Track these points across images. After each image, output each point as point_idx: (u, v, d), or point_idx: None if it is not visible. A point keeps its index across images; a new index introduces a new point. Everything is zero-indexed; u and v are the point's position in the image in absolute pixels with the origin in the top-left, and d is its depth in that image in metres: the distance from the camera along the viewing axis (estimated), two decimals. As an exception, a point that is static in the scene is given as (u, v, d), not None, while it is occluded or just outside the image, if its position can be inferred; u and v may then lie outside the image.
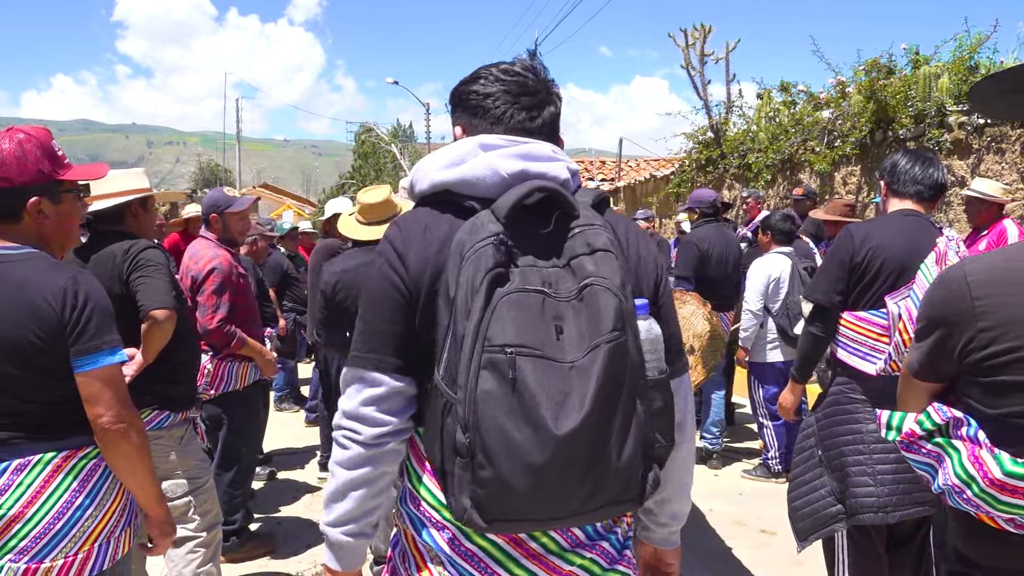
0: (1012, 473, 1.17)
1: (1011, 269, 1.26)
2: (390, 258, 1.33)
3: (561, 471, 1.14)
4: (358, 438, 1.32)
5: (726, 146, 9.57)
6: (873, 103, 7.07)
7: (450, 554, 1.29)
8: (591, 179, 16.82)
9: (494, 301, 1.16)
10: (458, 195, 1.35)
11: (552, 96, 1.43)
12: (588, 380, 1.13)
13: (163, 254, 2.85)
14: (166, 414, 2.81)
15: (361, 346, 1.34)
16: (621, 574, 1.36)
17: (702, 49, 9.97)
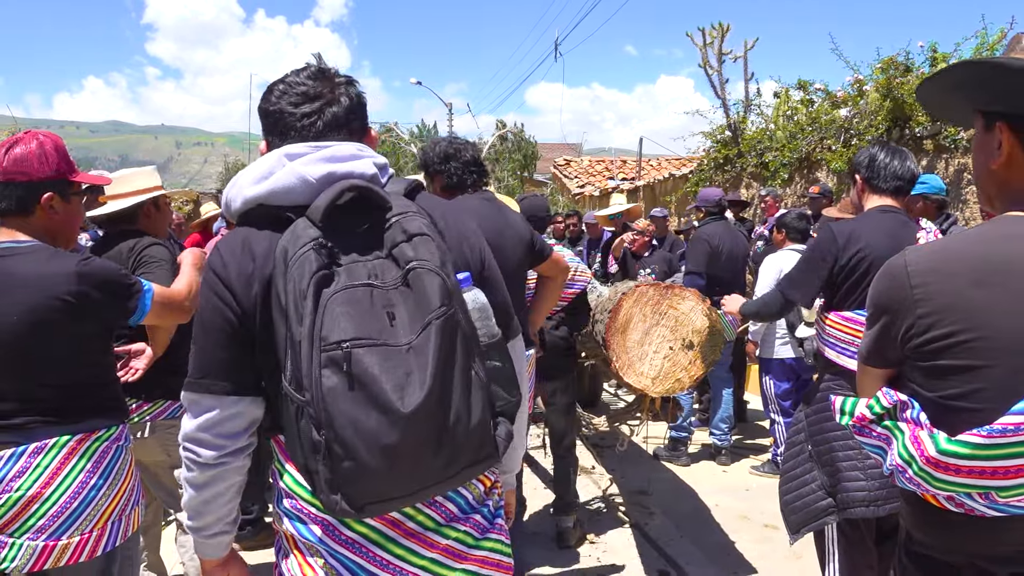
0: (945, 451, 1.22)
1: (948, 259, 1.30)
2: (213, 284, 1.37)
3: (415, 446, 1.20)
4: (199, 460, 1.40)
5: (744, 145, 9.55)
6: (890, 101, 7.03)
7: (330, 544, 1.35)
8: (611, 178, 16.84)
9: (323, 302, 1.21)
10: (273, 207, 1.37)
11: (336, 94, 1.45)
12: (426, 356, 1.20)
13: (167, 250, 2.94)
14: (178, 404, 2.89)
15: (194, 371, 1.40)
16: (493, 540, 1.45)
17: (720, 48, 9.95)
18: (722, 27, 9.97)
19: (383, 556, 1.34)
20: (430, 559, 1.36)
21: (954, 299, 1.26)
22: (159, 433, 2.91)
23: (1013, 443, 1.17)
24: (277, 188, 1.36)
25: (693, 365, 3.35)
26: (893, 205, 2.60)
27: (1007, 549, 1.27)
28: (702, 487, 4.94)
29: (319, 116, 1.43)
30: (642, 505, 4.60)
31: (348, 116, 1.46)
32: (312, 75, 1.46)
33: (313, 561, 1.37)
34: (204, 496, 1.44)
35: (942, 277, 1.28)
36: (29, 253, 1.94)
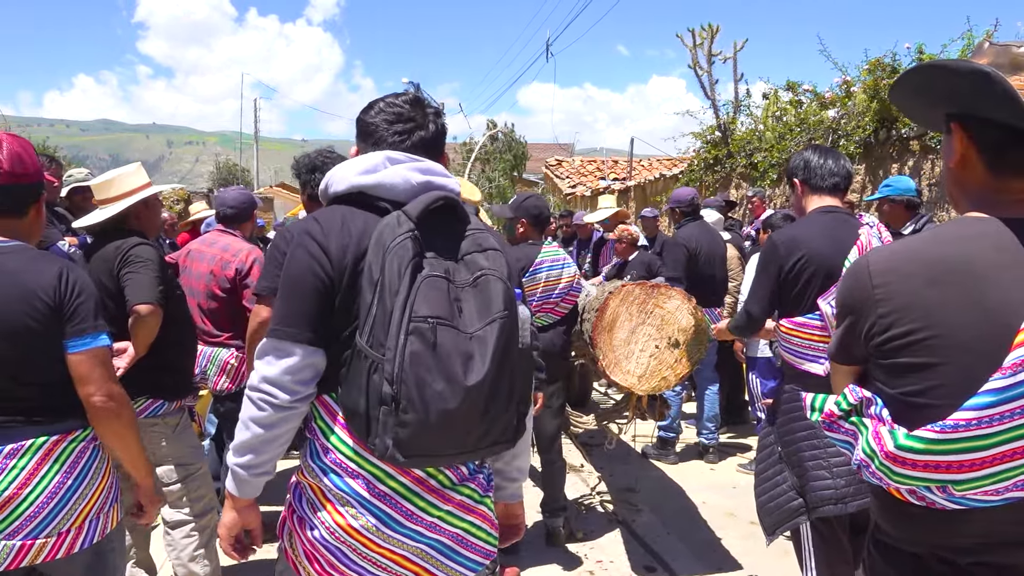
0: (902, 446, 1.25)
1: (907, 259, 1.34)
2: (311, 248, 1.58)
3: (467, 415, 1.45)
4: (275, 402, 1.56)
5: (733, 145, 9.61)
6: (877, 102, 7.08)
7: (365, 496, 1.56)
8: (603, 178, 16.87)
9: (417, 282, 1.45)
10: (371, 197, 1.64)
11: (426, 121, 1.73)
12: (487, 345, 1.45)
13: (153, 250, 2.94)
14: (160, 402, 2.91)
15: (280, 321, 1.58)
16: (489, 500, 1.71)
17: (709, 49, 10.02)
18: (712, 28, 10.03)
19: (408, 507, 1.58)
20: (446, 511, 1.61)
21: (911, 298, 1.30)
22: (141, 431, 2.91)
23: (965, 438, 1.20)
24: (384, 182, 1.63)
25: (679, 363, 3.38)
26: (834, 204, 2.64)
27: (966, 540, 1.31)
28: (689, 485, 4.97)
29: (408, 136, 1.71)
30: (630, 503, 4.63)
31: (433, 141, 1.75)
32: (409, 101, 1.74)
33: (345, 510, 1.57)
34: (270, 435, 1.59)
35: (900, 277, 1.32)
36: (12, 252, 1.94)
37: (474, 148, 19.36)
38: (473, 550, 1.67)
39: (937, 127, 1.51)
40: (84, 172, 4.64)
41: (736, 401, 6.32)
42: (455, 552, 1.64)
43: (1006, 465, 1.20)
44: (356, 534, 1.56)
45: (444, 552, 1.63)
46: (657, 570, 3.77)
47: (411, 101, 1.74)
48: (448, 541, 1.62)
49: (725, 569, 3.77)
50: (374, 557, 1.58)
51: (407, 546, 1.58)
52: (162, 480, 2.99)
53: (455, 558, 1.65)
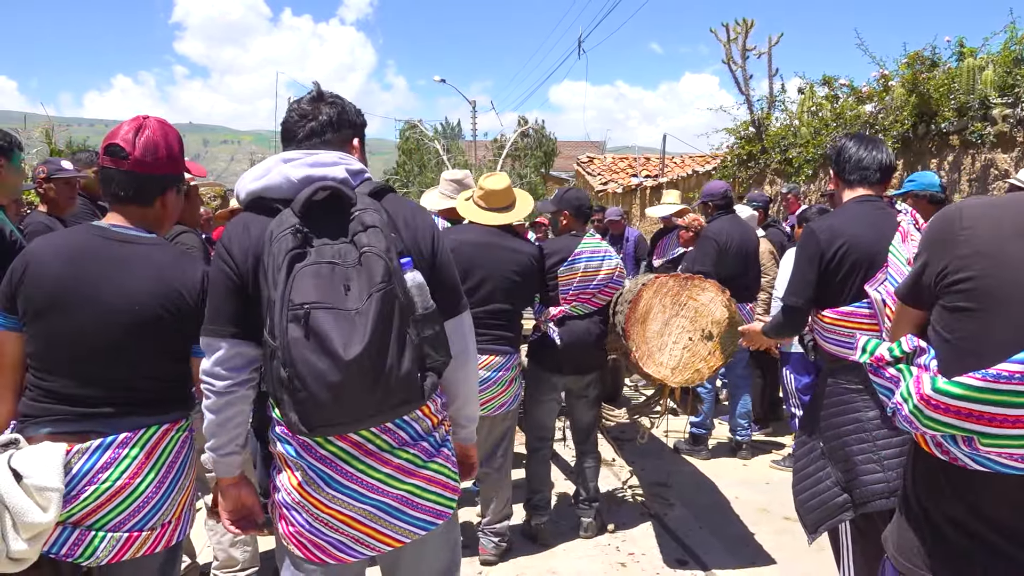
0: (939, 389, 1.26)
1: (1002, 208, 1.36)
2: (221, 254, 1.78)
3: (354, 386, 1.56)
4: (214, 389, 1.77)
5: (768, 141, 9.51)
6: (915, 96, 6.97)
7: (307, 459, 1.74)
8: (634, 175, 16.81)
9: (293, 273, 1.59)
10: (267, 200, 1.80)
11: (317, 112, 1.90)
12: (367, 318, 1.56)
13: (197, 238, 3.01)
14: None
15: (207, 321, 1.79)
16: (439, 464, 1.85)
17: (744, 44, 9.91)
18: (746, 23, 9.93)
19: (349, 469, 1.74)
20: (386, 473, 1.76)
21: (993, 246, 1.32)
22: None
23: (1008, 391, 1.21)
24: (269, 185, 1.80)
25: (712, 356, 3.37)
26: (868, 194, 2.60)
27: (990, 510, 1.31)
28: (722, 480, 4.95)
29: (302, 127, 1.89)
30: (662, 497, 4.63)
31: (323, 127, 1.89)
32: (309, 99, 1.92)
33: (296, 473, 1.76)
34: (219, 419, 1.79)
35: (989, 224, 1.34)
36: (155, 245, 2.00)
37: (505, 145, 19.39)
38: (421, 510, 1.81)
39: None
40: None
41: (770, 397, 6.27)
42: (402, 512, 1.79)
43: None
44: (305, 493, 1.74)
45: (391, 512, 1.77)
46: (689, 563, 3.77)
47: (311, 99, 1.92)
48: (393, 502, 1.77)
49: (758, 564, 3.75)
50: (324, 518, 1.75)
51: (352, 506, 1.74)
52: (206, 465, 3.06)
53: (403, 518, 1.79)
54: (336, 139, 1.90)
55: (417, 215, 1.92)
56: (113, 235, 1.97)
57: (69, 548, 1.85)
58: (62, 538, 1.84)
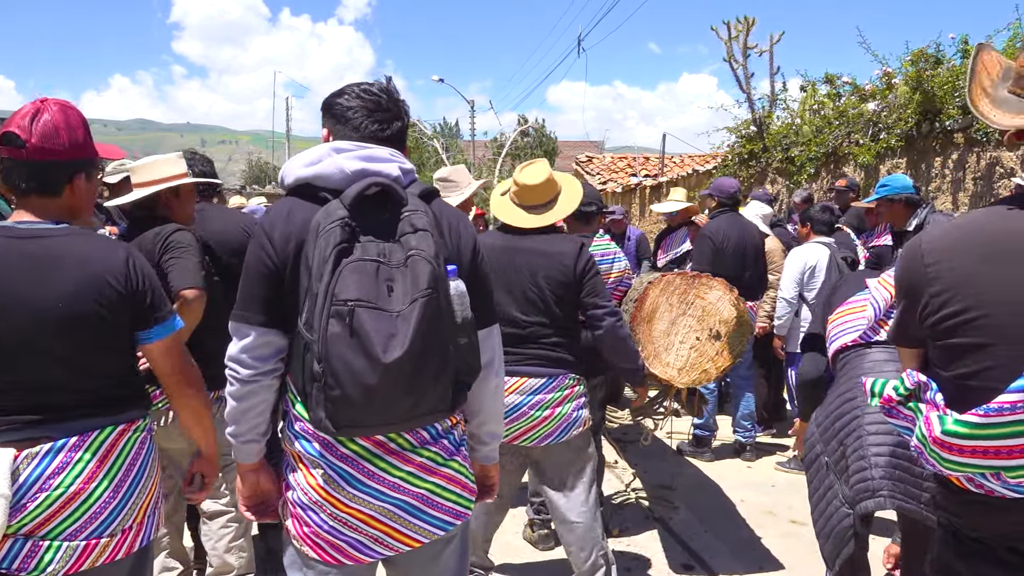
0: (949, 431, 1.20)
1: (961, 236, 1.30)
2: (260, 239, 1.73)
3: (388, 389, 1.53)
4: (238, 376, 1.73)
5: (769, 140, 9.45)
6: (919, 94, 6.90)
7: (329, 458, 1.70)
8: (634, 175, 16.74)
9: (340, 267, 1.54)
10: (315, 187, 1.74)
11: (401, 113, 1.87)
12: (409, 324, 1.52)
13: (192, 235, 2.93)
14: None
15: (238, 305, 1.74)
16: (458, 463, 1.81)
17: (745, 42, 9.84)
18: (747, 21, 9.86)
19: (370, 468, 1.70)
20: (407, 472, 1.72)
21: (963, 276, 1.26)
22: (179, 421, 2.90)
23: (1012, 421, 1.15)
24: (321, 173, 1.74)
25: (720, 356, 3.30)
26: None
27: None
28: (727, 483, 4.88)
29: (389, 126, 1.83)
30: (666, 500, 4.55)
31: (403, 132, 1.89)
32: (384, 90, 1.85)
33: (315, 472, 1.72)
34: (241, 407, 1.76)
35: (952, 254, 1.28)
36: (69, 236, 1.83)
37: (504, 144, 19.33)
38: (441, 510, 1.78)
39: None
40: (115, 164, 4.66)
41: (774, 398, 6.20)
42: (421, 511, 1.75)
43: None
44: (324, 493, 1.70)
45: (410, 511, 1.74)
46: (695, 568, 3.69)
47: (386, 91, 1.85)
48: (413, 501, 1.74)
49: (766, 568, 3.67)
50: (343, 517, 1.71)
51: (373, 505, 1.70)
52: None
53: (423, 517, 1.76)
54: (402, 142, 1.89)
55: (462, 222, 1.88)
56: (20, 232, 1.80)
57: (21, 561, 1.71)
58: (13, 551, 1.71)
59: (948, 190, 6.70)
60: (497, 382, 1.94)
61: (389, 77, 1.90)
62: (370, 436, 1.68)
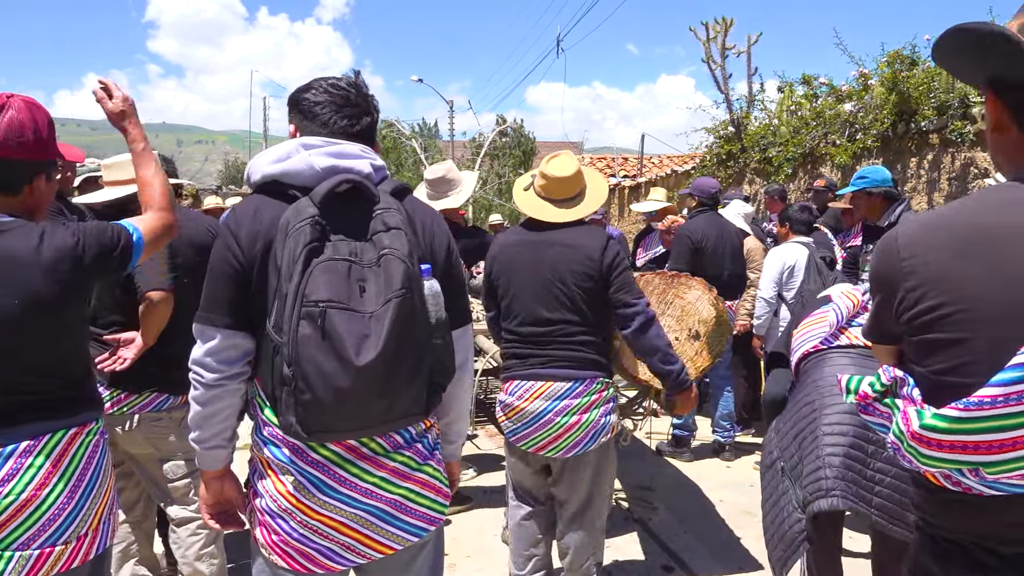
0: (928, 426, 1.18)
1: (935, 230, 1.27)
2: (226, 237, 1.67)
3: (361, 393, 1.48)
4: (202, 380, 1.68)
5: (747, 140, 9.48)
6: (895, 95, 6.96)
7: (299, 464, 1.65)
8: (612, 175, 16.76)
9: (310, 267, 1.49)
10: (283, 184, 1.68)
11: (370, 108, 1.81)
12: (382, 325, 1.48)
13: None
14: (165, 396, 2.83)
15: (203, 307, 1.69)
16: (432, 467, 1.77)
17: (723, 43, 9.88)
18: (726, 22, 9.90)
19: (342, 474, 1.65)
20: (380, 477, 1.67)
21: (939, 271, 1.23)
22: (144, 426, 2.83)
23: (993, 416, 1.13)
24: (289, 170, 1.68)
25: (699, 356, 3.27)
26: None
27: (1011, 530, 1.22)
28: (706, 483, 4.86)
29: (358, 122, 1.77)
30: (645, 500, 4.53)
31: (373, 127, 1.83)
32: (352, 85, 1.79)
33: (285, 478, 1.66)
34: (205, 412, 1.71)
35: (928, 248, 1.26)
36: (19, 229, 1.75)
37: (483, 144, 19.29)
38: (414, 515, 1.74)
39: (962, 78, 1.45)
40: (95, 163, 4.56)
41: (753, 397, 6.20)
42: (395, 518, 1.71)
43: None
44: (294, 500, 1.64)
45: (383, 518, 1.70)
46: (675, 569, 3.67)
47: (355, 86, 1.80)
48: (386, 507, 1.69)
49: (745, 569, 3.66)
50: (314, 524, 1.65)
51: (344, 512, 1.65)
52: (168, 476, 2.91)
53: (396, 523, 1.72)
54: (372, 137, 1.84)
55: (435, 220, 1.84)
56: None
57: None
58: None
59: (924, 190, 6.75)
60: (468, 382, 1.95)
61: (357, 71, 1.88)
62: (342, 441, 1.63)
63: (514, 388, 2.83)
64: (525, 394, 2.79)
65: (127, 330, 2.78)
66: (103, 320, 2.83)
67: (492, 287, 2.99)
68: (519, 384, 2.82)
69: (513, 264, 2.88)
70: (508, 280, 2.89)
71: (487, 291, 3.04)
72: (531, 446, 2.82)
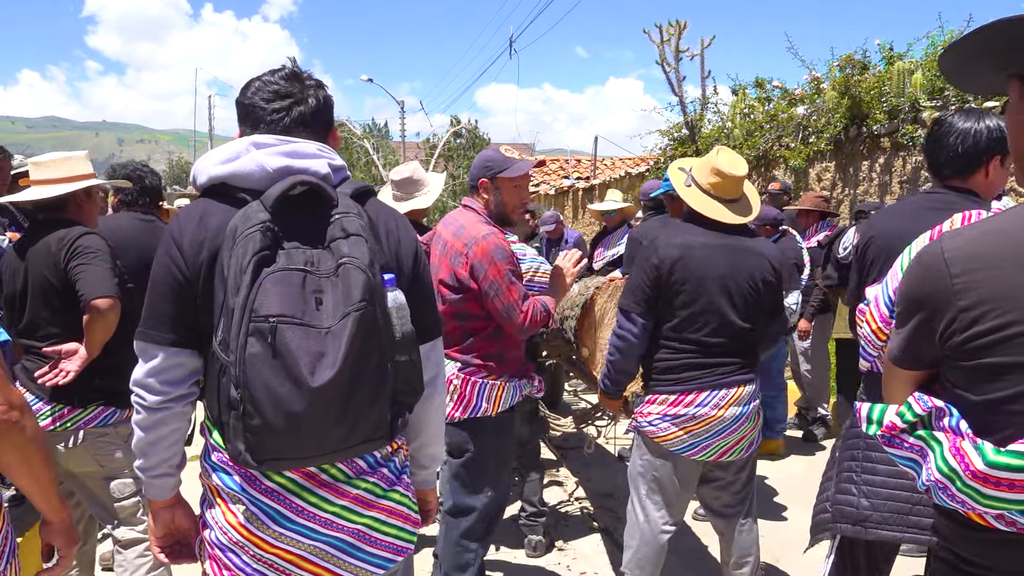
0: (995, 463, 1.08)
1: (992, 242, 1.16)
2: (168, 246, 1.53)
3: (318, 417, 1.35)
4: (144, 403, 1.54)
5: (701, 143, 9.54)
6: (847, 99, 7.06)
7: (251, 493, 1.50)
8: (566, 177, 16.76)
9: (260, 279, 1.36)
10: (232, 187, 1.54)
11: (305, 96, 1.64)
12: (340, 341, 1.34)
13: (102, 239, 2.68)
14: (112, 410, 2.66)
15: (144, 322, 1.55)
16: (400, 494, 1.63)
17: (677, 45, 9.93)
18: (679, 24, 9.95)
19: (299, 503, 1.50)
20: (341, 506, 1.53)
21: (1001, 288, 1.11)
22: (89, 442, 2.65)
23: None
24: (239, 172, 1.53)
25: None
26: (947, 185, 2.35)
27: None
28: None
29: (287, 113, 1.61)
30: (610, 509, 4.45)
31: (314, 116, 1.64)
32: (285, 76, 1.64)
33: (235, 508, 1.52)
34: (149, 438, 1.57)
35: (987, 263, 1.13)
36: None
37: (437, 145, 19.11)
38: (380, 546, 1.60)
39: (989, 90, 1.35)
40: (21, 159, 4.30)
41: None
42: (358, 549, 1.57)
43: None
44: (246, 532, 1.50)
45: (346, 550, 1.55)
46: (643, 580, 3.59)
47: (288, 76, 1.65)
48: (349, 538, 1.55)
49: (714, 578, 3.61)
50: (268, 559, 1.51)
51: (302, 544, 1.51)
52: (114, 495, 2.74)
53: (359, 556, 1.57)
54: (321, 130, 1.67)
55: (400, 224, 1.70)
56: None
57: None
58: None
59: (876, 193, 6.85)
60: (440, 400, 1.79)
61: (292, 58, 1.69)
62: (296, 467, 1.49)
63: (705, 398, 2.67)
64: (721, 402, 2.66)
65: (66, 341, 2.61)
66: (41, 332, 2.65)
67: (669, 293, 2.67)
68: (712, 394, 2.67)
69: (706, 270, 2.65)
70: (698, 286, 2.64)
71: (647, 296, 2.70)
72: (712, 454, 2.72)
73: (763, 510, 4.38)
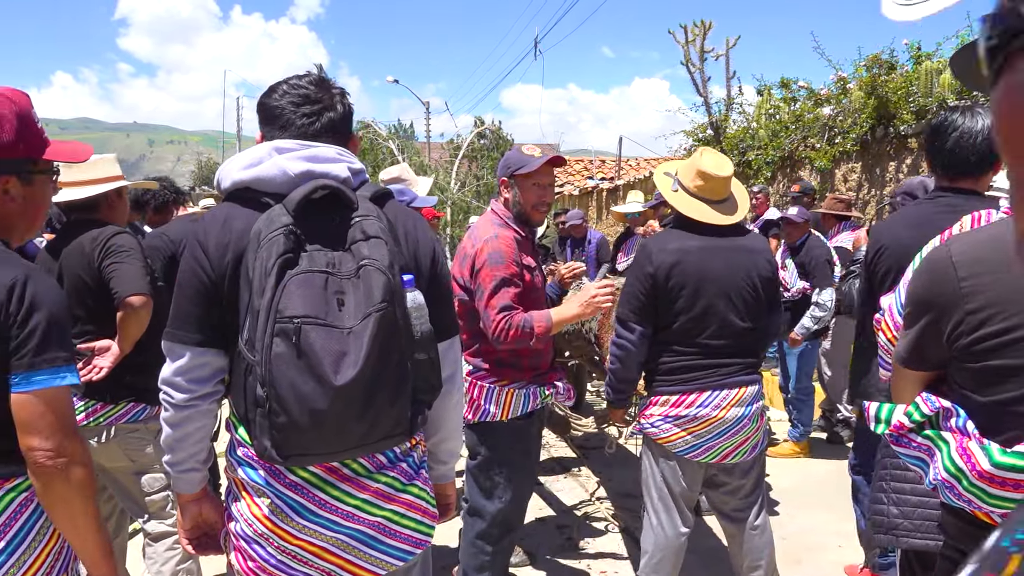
0: (1001, 464, 1.10)
1: (997, 246, 1.17)
2: (193, 249, 1.57)
3: (340, 414, 1.41)
4: (172, 401, 1.59)
5: (726, 143, 9.49)
6: (874, 99, 7.00)
7: (276, 486, 1.55)
8: (590, 177, 16.76)
9: (284, 281, 1.41)
10: (256, 192, 1.59)
11: (334, 103, 1.68)
12: (362, 341, 1.39)
13: (134, 238, 2.76)
14: (142, 406, 2.73)
15: (171, 323, 1.60)
16: (419, 487, 1.67)
17: (702, 46, 9.90)
18: (704, 25, 9.92)
19: (322, 496, 1.56)
20: (363, 499, 1.58)
21: (1009, 291, 1.12)
22: (121, 437, 2.72)
23: None
24: (261, 176, 1.58)
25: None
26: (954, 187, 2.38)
27: None
28: (691, 490, 4.81)
29: (317, 118, 1.65)
30: (631, 509, 4.46)
31: (342, 122, 1.69)
32: (314, 82, 1.68)
33: (260, 501, 1.57)
34: (177, 434, 1.62)
35: (993, 266, 1.15)
36: None
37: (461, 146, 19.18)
38: (399, 539, 1.65)
39: None
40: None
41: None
42: (378, 541, 1.62)
43: None
44: (271, 524, 1.55)
45: (366, 542, 1.61)
46: (663, 580, 3.60)
47: (316, 82, 1.69)
48: (370, 530, 1.60)
49: (734, 579, 3.61)
50: (292, 550, 1.57)
51: (324, 536, 1.57)
52: (145, 489, 2.81)
53: (380, 547, 1.62)
54: (345, 135, 1.72)
55: (419, 226, 1.74)
56: None
57: None
58: None
59: (903, 194, 6.78)
60: (458, 397, 1.83)
61: (320, 65, 1.75)
62: (321, 463, 1.54)
63: (707, 399, 2.67)
64: (723, 403, 2.66)
65: (99, 339, 2.68)
66: (75, 330, 2.72)
67: (667, 299, 2.66)
68: (713, 394, 2.67)
69: (703, 273, 2.64)
70: (696, 290, 2.63)
71: (642, 304, 2.69)
72: (715, 456, 2.72)
73: (785, 512, 4.38)
